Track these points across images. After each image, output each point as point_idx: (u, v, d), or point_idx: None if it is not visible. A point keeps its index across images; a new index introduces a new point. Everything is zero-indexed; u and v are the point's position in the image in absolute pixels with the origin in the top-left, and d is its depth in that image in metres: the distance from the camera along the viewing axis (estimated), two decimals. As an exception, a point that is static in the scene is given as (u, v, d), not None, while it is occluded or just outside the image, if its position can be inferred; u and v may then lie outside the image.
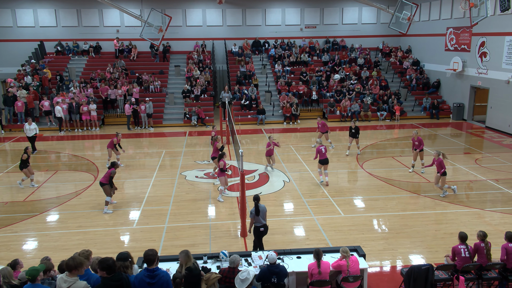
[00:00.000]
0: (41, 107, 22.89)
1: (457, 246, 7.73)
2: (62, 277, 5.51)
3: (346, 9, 30.31)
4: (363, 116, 24.54)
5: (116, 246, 9.93)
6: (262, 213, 9.04)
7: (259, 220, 9.06)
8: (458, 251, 7.67)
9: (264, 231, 9.13)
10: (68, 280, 5.45)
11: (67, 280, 5.46)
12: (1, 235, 10.63)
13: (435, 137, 20.79)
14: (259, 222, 9.07)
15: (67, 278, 5.47)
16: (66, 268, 5.54)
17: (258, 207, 9.03)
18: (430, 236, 10.29)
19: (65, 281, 5.45)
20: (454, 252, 7.74)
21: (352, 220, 11.28)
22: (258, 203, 9.08)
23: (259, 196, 9.30)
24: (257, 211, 9.00)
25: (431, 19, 27.18)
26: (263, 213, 9.07)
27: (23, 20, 28.25)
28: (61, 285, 5.44)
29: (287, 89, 26.00)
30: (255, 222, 9.09)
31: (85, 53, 28.59)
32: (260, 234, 9.12)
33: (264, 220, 9.10)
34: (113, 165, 11.97)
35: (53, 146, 19.84)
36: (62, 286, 5.43)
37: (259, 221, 9.06)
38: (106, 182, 11.69)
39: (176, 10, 28.62)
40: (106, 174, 11.76)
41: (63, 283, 5.45)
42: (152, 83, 25.87)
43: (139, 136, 21.79)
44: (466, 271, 7.63)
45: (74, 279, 5.48)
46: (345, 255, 7.15)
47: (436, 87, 26.69)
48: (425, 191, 13.34)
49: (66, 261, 5.60)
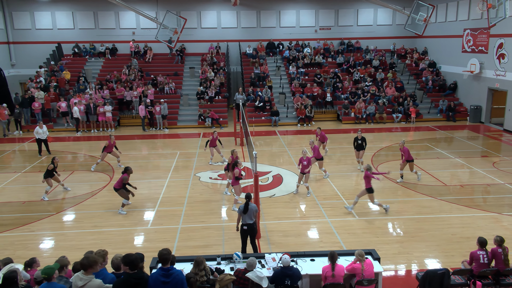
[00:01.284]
0: (58, 108, 23.23)
1: (476, 252, 7.59)
2: (78, 275, 5.60)
3: (361, 11, 30.12)
4: (378, 118, 24.34)
5: (130, 246, 10.02)
6: (250, 212, 8.99)
7: (245, 219, 9.03)
8: (477, 257, 7.53)
9: (247, 230, 9.04)
10: (84, 278, 5.53)
11: (83, 278, 5.54)
12: (19, 234, 10.82)
13: (451, 140, 20.51)
14: (244, 221, 9.04)
15: (83, 276, 5.56)
16: (81, 267, 5.62)
17: (247, 205, 9.00)
18: (446, 240, 10.14)
19: (81, 279, 5.54)
20: (472, 258, 7.60)
21: (367, 223, 11.19)
22: (249, 202, 9.06)
23: (251, 195, 9.30)
24: (245, 209, 8.96)
25: (447, 20, 26.85)
26: (251, 213, 9.02)
27: (41, 22, 28.75)
28: (77, 283, 5.53)
29: (301, 90, 25.94)
30: (242, 220, 9.07)
31: (102, 55, 28.95)
32: (244, 233, 9.09)
33: (250, 220, 9.03)
34: (126, 171, 12.04)
35: (69, 146, 20.12)
36: (78, 284, 5.52)
37: (244, 219, 9.04)
38: (119, 187, 11.84)
39: (191, 12, 28.81)
40: (119, 180, 11.94)
41: (78, 281, 5.53)
42: (167, 84, 26.07)
43: (154, 137, 21.96)
44: (483, 277, 7.50)
45: (89, 277, 5.56)
46: (360, 259, 7.09)
47: (452, 89, 26.33)
48: (441, 194, 13.16)
49: (81, 260, 5.69)
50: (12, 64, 29.15)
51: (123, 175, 11.92)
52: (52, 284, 5.67)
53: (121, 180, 11.86)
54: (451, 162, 16.61)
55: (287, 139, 21.01)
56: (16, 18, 28.58)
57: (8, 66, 28.74)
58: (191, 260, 7.26)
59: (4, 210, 12.42)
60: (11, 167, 16.80)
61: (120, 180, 11.87)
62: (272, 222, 11.33)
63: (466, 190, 13.55)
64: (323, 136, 16.88)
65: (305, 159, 13.03)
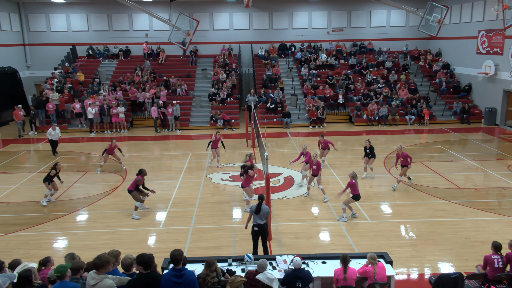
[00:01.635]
0: (72, 109, 23.52)
1: (490, 256, 7.48)
2: (91, 274, 5.66)
3: (374, 12, 29.95)
4: (391, 120, 24.16)
5: (143, 247, 10.08)
6: (262, 213, 8.98)
7: (256, 220, 9.02)
8: (491, 261, 7.42)
9: (258, 231, 9.03)
10: (96, 278, 5.59)
11: (95, 277, 5.60)
12: (33, 233, 10.96)
13: (465, 142, 20.26)
14: (255, 221, 9.03)
15: (95, 275, 5.62)
16: (94, 267, 5.68)
17: (260, 206, 8.98)
18: (459, 243, 10.01)
19: (93, 278, 5.60)
20: (486, 262, 7.49)
21: (379, 225, 11.10)
22: (262, 203, 9.04)
23: (264, 196, 9.28)
24: (258, 210, 8.95)
25: (462, 22, 26.55)
26: (263, 214, 9.01)
27: (57, 24, 29.17)
28: (90, 282, 5.60)
29: (313, 92, 25.87)
30: (253, 221, 9.05)
31: (115, 57, 29.24)
32: (255, 234, 9.07)
33: (261, 221, 9.02)
34: (140, 173, 11.92)
35: (83, 147, 20.35)
36: (90, 283, 5.58)
37: (255, 220, 9.02)
38: (133, 189, 11.75)
39: (203, 14, 28.95)
40: (133, 182, 11.81)
41: (91, 280, 5.59)
42: (179, 86, 26.22)
43: (166, 138, 22.09)
44: (497, 281, 7.38)
45: (101, 277, 5.61)
46: (372, 262, 7.03)
47: (467, 91, 26.02)
48: (455, 197, 13.00)
49: (93, 260, 5.74)
50: (28, 66, 29.63)
51: (137, 176, 11.86)
52: (65, 283, 5.73)
53: (135, 182, 11.78)
54: (465, 165, 16.41)
55: (299, 141, 20.96)
56: (32, 20, 29.05)
57: (24, 67, 29.23)
58: (202, 261, 7.29)
59: (19, 209, 12.61)
60: (26, 167, 17.05)
61: (134, 182, 11.79)
62: (283, 224, 11.31)
63: (480, 193, 13.37)
64: (326, 144, 15.93)
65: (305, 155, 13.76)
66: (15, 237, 10.72)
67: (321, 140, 15.92)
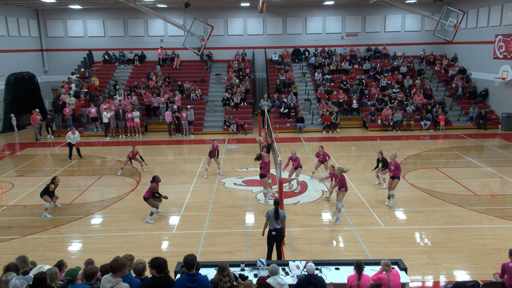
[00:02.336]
0: (88, 113, 23.85)
1: (508, 264, 7.34)
2: (107, 277, 5.70)
3: (389, 17, 29.80)
4: (406, 125, 23.93)
5: (156, 251, 10.14)
6: (280, 218, 8.95)
7: (274, 224, 8.98)
8: (509, 269, 7.28)
9: (275, 236, 9.00)
10: (112, 281, 5.63)
11: (111, 280, 5.64)
12: (49, 236, 11.11)
13: (482, 148, 19.95)
14: (273, 226, 8.99)
15: (111, 278, 5.66)
16: (110, 270, 5.72)
17: (277, 210, 8.95)
18: (476, 251, 9.85)
19: (109, 281, 5.63)
20: (504, 269, 7.35)
21: (393, 232, 10.98)
22: (278, 208, 9.02)
23: (279, 201, 9.25)
24: (276, 215, 8.91)
25: (478, 26, 26.23)
26: (280, 219, 8.97)
27: (74, 30, 29.69)
28: (105, 285, 5.63)
29: (326, 97, 25.79)
30: (270, 225, 9.02)
31: (130, 62, 29.59)
32: (272, 238, 9.04)
33: (277, 225, 8.98)
34: (154, 180, 11.86)
35: (98, 151, 20.59)
36: (106, 286, 5.61)
37: (273, 225, 8.99)
38: (149, 196, 11.77)
39: (217, 20, 29.15)
40: (148, 189, 11.83)
41: (106, 283, 5.63)
42: (193, 91, 26.40)
43: (180, 142, 22.24)
44: (515, 290, 7.23)
45: (117, 280, 5.65)
46: (386, 269, 6.95)
47: (483, 96, 25.66)
48: (471, 204, 12.80)
49: (110, 263, 5.79)
50: (45, 71, 30.18)
51: (152, 184, 11.83)
52: (76, 286, 5.79)
53: (150, 189, 11.76)
54: (482, 171, 16.16)
55: (312, 146, 20.90)
56: (50, 26, 29.61)
57: (41, 72, 29.77)
58: (214, 266, 7.30)
59: (36, 212, 12.80)
60: (42, 171, 17.32)
61: (150, 189, 11.77)
62: (297, 229, 11.27)
63: (497, 200, 13.15)
64: (324, 156, 15.06)
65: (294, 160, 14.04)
66: (31, 240, 10.89)
67: (320, 151, 15.06)
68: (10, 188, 15.06)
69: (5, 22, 25.89)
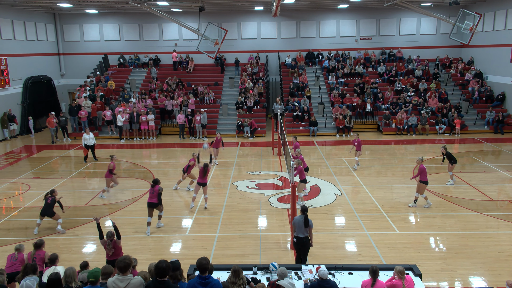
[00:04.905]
0: (104, 116, 24.14)
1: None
2: (117, 277, 5.70)
3: (403, 20, 29.57)
4: (421, 129, 23.68)
5: (169, 253, 10.19)
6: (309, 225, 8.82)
7: (297, 232, 8.86)
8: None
9: (297, 244, 8.88)
10: (125, 279, 5.65)
11: (124, 279, 5.66)
12: (64, 237, 11.26)
13: (499, 153, 19.63)
14: (296, 233, 8.89)
15: (123, 277, 5.67)
16: (119, 270, 5.73)
17: (307, 218, 8.77)
18: (492, 257, 9.67)
19: (122, 281, 5.65)
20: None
21: (408, 237, 10.86)
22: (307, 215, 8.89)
23: (307, 208, 9.07)
24: (306, 223, 8.74)
25: (495, 29, 25.86)
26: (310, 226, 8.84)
27: (90, 34, 30.12)
28: (119, 284, 5.64)
29: (340, 101, 25.67)
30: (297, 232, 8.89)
31: (145, 66, 29.88)
32: (296, 245, 8.95)
33: (302, 234, 8.80)
34: (157, 183, 11.57)
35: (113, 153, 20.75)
36: (120, 285, 5.63)
37: (297, 232, 8.87)
38: (158, 201, 11.44)
39: (231, 24, 29.28)
40: (155, 194, 11.37)
41: (120, 283, 5.64)
42: (207, 94, 26.53)
43: (193, 145, 22.34)
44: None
45: (129, 277, 5.68)
46: (400, 276, 6.84)
47: (501, 100, 25.25)
48: (488, 209, 12.59)
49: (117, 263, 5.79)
50: (62, 74, 30.65)
51: (157, 186, 11.45)
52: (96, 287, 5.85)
53: (157, 192, 11.41)
54: (499, 176, 15.89)
55: (326, 150, 20.81)
56: (67, 30, 30.08)
57: (58, 76, 30.24)
58: (227, 269, 7.30)
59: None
60: (58, 173, 17.56)
61: (157, 194, 11.37)
62: (310, 233, 11.20)
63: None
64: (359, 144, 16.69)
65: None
66: (47, 241, 10.95)
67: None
68: (27, 189, 15.30)
69: (24, 27, 26.40)
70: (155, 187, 11.41)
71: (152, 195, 11.38)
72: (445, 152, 14.85)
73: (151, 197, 11.39)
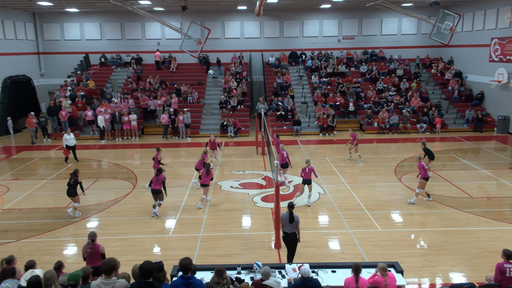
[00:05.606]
0: (85, 116, 23.80)
1: (502, 264, 7.35)
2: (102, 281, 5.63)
3: (385, 20, 29.92)
4: (402, 128, 23.99)
5: (153, 254, 10.12)
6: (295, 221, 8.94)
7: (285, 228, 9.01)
8: (503, 269, 7.29)
9: (286, 239, 9.04)
10: (110, 282, 5.59)
11: (109, 282, 5.59)
12: (45, 240, 11.07)
13: (478, 151, 20.02)
14: (284, 229, 9.04)
15: (107, 280, 5.61)
16: (104, 272, 5.67)
17: (292, 214, 8.92)
18: (473, 254, 9.87)
19: (106, 284, 5.59)
20: (498, 270, 7.34)
21: (390, 235, 10.99)
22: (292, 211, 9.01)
23: (293, 204, 9.25)
24: (291, 219, 8.89)
25: (474, 30, 26.37)
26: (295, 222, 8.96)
27: (70, 33, 29.68)
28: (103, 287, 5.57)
29: (323, 100, 25.84)
30: (284, 228, 9.05)
31: (127, 65, 29.56)
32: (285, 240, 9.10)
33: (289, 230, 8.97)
34: (160, 171, 12.36)
35: (95, 154, 20.54)
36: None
37: (284, 228, 9.03)
38: (160, 188, 12.27)
39: (215, 23, 29.20)
40: (158, 182, 12.20)
41: (104, 286, 5.58)
42: (190, 94, 26.39)
43: (177, 146, 22.21)
44: (511, 293, 7.23)
45: (113, 280, 5.62)
46: (382, 273, 6.93)
47: (479, 99, 25.76)
48: (468, 206, 12.83)
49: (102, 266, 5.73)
50: (42, 74, 30.13)
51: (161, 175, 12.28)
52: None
53: (162, 181, 12.25)
54: (478, 174, 16.21)
55: (309, 149, 20.92)
56: (47, 29, 29.58)
57: (38, 75, 29.71)
58: (211, 269, 7.29)
59: (32, 216, 12.75)
60: (38, 174, 17.26)
61: (161, 181, 12.24)
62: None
63: (493, 203, 13.18)
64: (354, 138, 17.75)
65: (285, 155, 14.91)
66: (27, 243, 10.84)
67: (351, 132, 17.87)
68: (6, 191, 15.00)
69: (2, 25, 25.86)
70: (159, 175, 12.25)
71: (156, 183, 12.26)
72: (424, 147, 15.24)
73: (155, 184, 12.27)
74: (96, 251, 8.06)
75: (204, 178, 12.90)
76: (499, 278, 7.32)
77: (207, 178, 12.88)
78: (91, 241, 8.14)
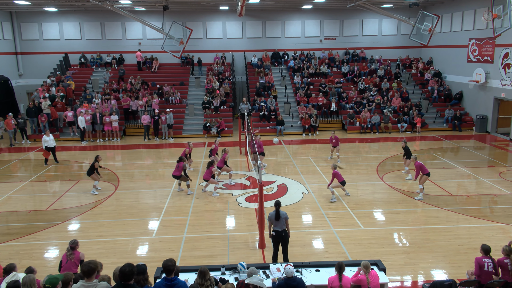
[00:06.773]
0: (65, 117, 23.40)
1: (480, 258, 7.52)
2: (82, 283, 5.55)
3: (366, 21, 30.25)
4: (383, 127, 24.30)
5: (135, 256, 10.01)
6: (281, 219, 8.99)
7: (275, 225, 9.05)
8: (482, 264, 7.46)
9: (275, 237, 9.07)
10: (91, 285, 5.51)
11: (89, 285, 5.51)
12: (24, 243, 10.84)
13: (457, 150, 20.40)
14: (274, 228, 9.09)
15: (88, 283, 5.53)
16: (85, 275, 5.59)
17: (278, 212, 8.97)
18: (453, 251, 10.05)
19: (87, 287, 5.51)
20: (477, 264, 7.51)
21: (372, 233, 11.11)
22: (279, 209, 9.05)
23: (280, 202, 9.27)
24: (277, 216, 8.95)
25: (453, 30, 26.88)
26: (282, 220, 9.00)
27: (49, 33, 29.14)
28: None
29: (306, 100, 25.98)
30: (273, 227, 9.10)
31: (108, 65, 29.19)
32: (274, 239, 9.13)
33: (279, 228, 9.01)
34: (181, 160, 14.08)
35: (75, 156, 20.22)
36: None
37: (274, 226, 9.07)
38: (179, 174, 14.06)
39: (197, 23, 29.08)
40: (178, 169, 13.97)
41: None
42: (173, 94, 26.21)
43: (159, 146, 22.03)
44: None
45: (94, 282, 5.55)
46: (365, 271, 7.01)
47: (458, 99, 26.27)
48: (448, 204, 13.06)
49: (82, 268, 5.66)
50: (20, 74, 29.52)
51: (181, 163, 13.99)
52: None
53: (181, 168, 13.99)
54: (457, 172, 16.52)
55: (292, 149, 21.00)
56: (25, 29, 28.99)
57: (16, 76, 29.10)
58: (195, 270, 7.24)
59: (10, 219, 12.48)
60: (17, 176, 16.90)
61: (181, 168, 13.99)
62: (277, 232, 11.26)
63: (473, 201, 13.46)
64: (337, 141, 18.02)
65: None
66: (6, 247, 10.60)
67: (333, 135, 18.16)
68: (-17, 194, 14.64)
69: (-22, 25, 25.25)
70: (180, 163, 13.99)
71: (176, 169, 14.03)
72: (405, 145, 15.95)
73: (175, 171, 14.10)
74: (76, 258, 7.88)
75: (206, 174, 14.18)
76: (478, 272, 7.48)
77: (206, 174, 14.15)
78: (70, 248, 7.93)
